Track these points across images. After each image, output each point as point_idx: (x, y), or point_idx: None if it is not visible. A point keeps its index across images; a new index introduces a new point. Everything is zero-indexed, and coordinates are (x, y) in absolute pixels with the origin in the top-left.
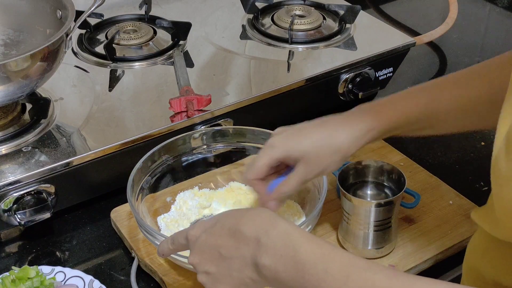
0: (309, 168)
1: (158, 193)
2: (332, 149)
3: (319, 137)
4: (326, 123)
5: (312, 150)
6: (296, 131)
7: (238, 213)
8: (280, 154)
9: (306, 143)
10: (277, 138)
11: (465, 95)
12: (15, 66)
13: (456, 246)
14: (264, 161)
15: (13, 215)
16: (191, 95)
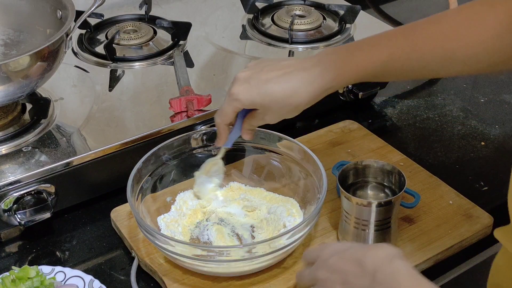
0: (269, 116)
1: (158, 193)
2: (291, 106)
3: (280, 94)
4: (288, 77)
5: (272, 105)
6: (259, 83)
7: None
8: (242, 106)
9: (268, 98)
10: (240, 89)
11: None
12: (15, 66)
13: (456, 246)
14: (229, 110)
15: (13, 215)
16: (191, 95)
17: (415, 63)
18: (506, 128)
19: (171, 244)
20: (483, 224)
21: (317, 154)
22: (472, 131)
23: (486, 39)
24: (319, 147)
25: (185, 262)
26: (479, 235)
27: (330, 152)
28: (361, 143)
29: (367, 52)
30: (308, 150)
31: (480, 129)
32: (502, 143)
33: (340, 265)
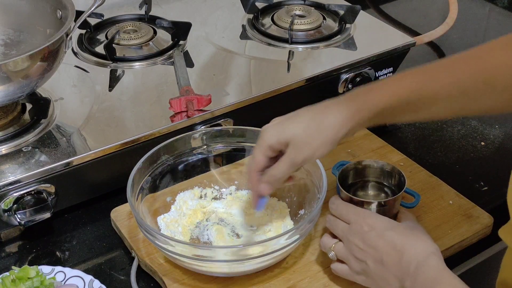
0: (298, 150)
1: (158, 193)
2: (320, 131)
3: (307, 119)
4: (315, 106)
5: (300, 132)
6: (286, 118)
7: (408, 230)
8: (269, 139)
9: (294, 126)
10: (268, 126)
11: (457, 79)
12: (15, 66)
13: (456, 246)
14: (258, 151)
15: (13, 215)
16: (191, 95)
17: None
18: (506, 128)
19: (171, 244)
20: (483, 224)
21: None
22: (472, 131)
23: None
24: None
25: (185, 262)
26: (479, 235)
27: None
28: (361, 143)
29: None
30: None
31: (480, 129)
32: (502, 143)
33: (379, 244)
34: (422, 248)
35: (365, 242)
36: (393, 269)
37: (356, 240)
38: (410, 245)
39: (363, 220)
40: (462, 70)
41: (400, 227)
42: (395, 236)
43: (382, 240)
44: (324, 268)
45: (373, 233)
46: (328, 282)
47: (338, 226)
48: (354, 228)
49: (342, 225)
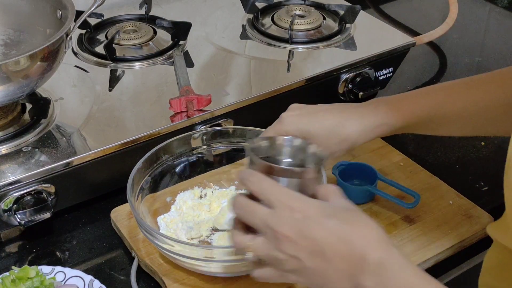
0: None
1: (158, 193)
2: (340, 138)
3: (330, 123)
4: (340, 110)
5: (321, 134)
6: (310, 112)
7: (355, 219)
8: (288, 130)
9: (316, 126)
10: (289, 116)
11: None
12: (15, 66)
13: (456, 246)
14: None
15: (13, 215)
16: (191, 95)
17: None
18: None
19: (171, 244)
20: (483, 224)
21: None
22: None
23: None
24: None
25: (185, 262)
26: (479, 235)
27: None
28: None
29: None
30: None
31: None
32: (502, 143)
33: (318, 234)
34: (375, 237)
35: (296, 232)
36: (341, 264)
37: (285, 229)
38: (359, 234)
39: (293, 203)
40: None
41: (341, 211)
42: (338, 224)
43: (321, 229)
44: None
45: (308, 221)
46: None
47: (257, 213)
48: (281, 215)
49: (262, 211)
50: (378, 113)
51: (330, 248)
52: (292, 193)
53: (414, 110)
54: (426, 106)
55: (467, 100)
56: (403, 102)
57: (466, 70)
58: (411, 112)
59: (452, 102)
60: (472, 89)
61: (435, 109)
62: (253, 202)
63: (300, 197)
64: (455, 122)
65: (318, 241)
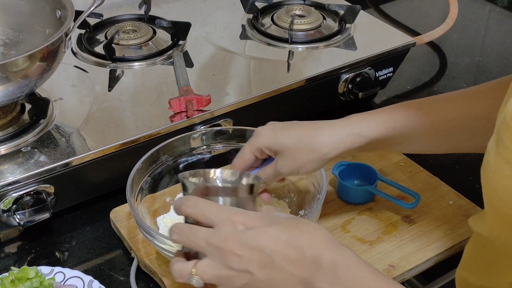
0: (286, 161)
1: (157, 194)
2: (310, 148)
3: (301, 134)
4: (312, 123)
5: (292, 144)
6: (283, 126)
7: (303, 224)
8: (262, 143)
9: (287, 137)
10: (263, 129)
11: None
12: (14, 66)
13: (456, 247)
14: (248, 148)
15: (13, 215)
16: (191, 95)
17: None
18: None
19: (170, 245)
20: None
21: None
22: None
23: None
24: None
25: None
26: None
27: None
28: None
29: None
30: None
31: None
32: None
33: (264, 243)
34: (325, 239)
35: (243, 245)
36: (292, 269)
37: (229, 244)
38: (307, 237)
39: (234, 217)
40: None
41: (283, 219)
42: (283, 230)
43: (267, 237)
44: None
45: (251, 231)
46: None
47: (198, 234)
48: (223, 230)
49: (203, 231)
50: (350, 123)
51: (278, 255)
52: (230, 208)
53: (387, 122)
54: (401, 118)
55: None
56: (376, 114)
57: (466, 70)
58: (383, 122)
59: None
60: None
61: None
62: (192, 225)
63: (239, 210)
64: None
65: (265, 250)
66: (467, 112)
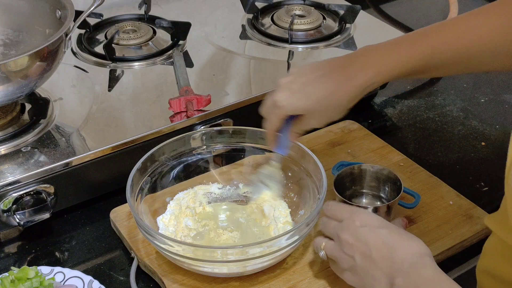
0: (314, 119)
1: (157, 194)
2: (334, 106)
3: (321, 96)
4: (328, 78)
5: (316, 107)
6: (300, 88)
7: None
8: (286, 112)
9: (309, 101)
10: (282, 96)
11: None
12: (14, 66)
13: (456, 246)
14: (274, 118)
15: (13, 215)
16: (191, 95)
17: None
18: (507, 128)
19: (170, 245)
20: (484, 224)
21: (317, 154)
22: (472, 131)
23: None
24: (319, 147)
25: (184, 262)
26: (479, 235)
27: (330, 152)
28: (361, 143)
29: (409, 48)
30: (308, 150)
31: (480, 129)
32: (502, 143)
33: (369, 239)
34: (416, 248)
35: (355, 236)
36: (383, 264)
37: (346, 235)
38: (403, 243)
39: (356, 216)
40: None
41: (394, 227)
42: (387, 233)
43: (373, 235)
44: (324, 268)
45: (365, 228)
46: (328, 283)
47: (330, 225)
48: (346, 224)
49: (334, 223)
50: (367, 73)
51: (376, 251)
52: (357, 209)
53: (406, 61)
54: (420, 53)
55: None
56: (391, 54)
57: None
58: (401, 65)
59: (439, 50)
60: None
61: (430, 54)
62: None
63: (364, 211)
64: (445, 68)
65: (368, 244)
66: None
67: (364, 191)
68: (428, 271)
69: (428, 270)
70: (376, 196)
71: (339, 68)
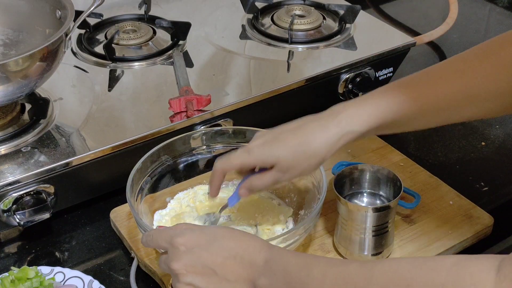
0: (285, 172)
1: (157, 194)
2: (307, 155)
3: (294, 144)
4: (302, 128)
5: (287, 156)
6: (273, 138)
7: (237, 236)
8: (254, 161)
9: (281, 150)
10: (255, 146)
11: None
12: (14, 66)
13: (456, 246)
14: (238, 162)
15: (13, 215)
16: (191, 95)
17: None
18: (507, 128)
19: None
20: (484, 224)
21: None
22: (472, 131)
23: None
24: None
25: None
26: (479, 235)
27: None
28: (361, 143)
29: (378, 99)
30: None
31: (480, 129)
32: (502, 143)
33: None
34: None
35: (186, 263)
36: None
37: (176, 266)
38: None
39: (177, 241)
40: (444, 86)
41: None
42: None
43: (207, 254)
44: None
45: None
46: None
47: (161, 262)
48: (171, 254)
49: (164, 258)
50: (341, 121)
51: (219, 267)
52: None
53: (378, 112)
54: (391, 105)
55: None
56: (366, 105)
57: None
58: (374, 115)
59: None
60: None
61: (397, 111)
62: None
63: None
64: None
65: (206, 265)
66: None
67: (364, 191)
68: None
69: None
70: (376, 196)
71: (312, 121)
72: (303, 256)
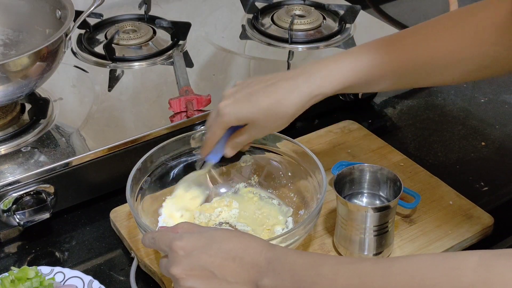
0: (258, 130)
1: (157, 194)
2: (278, 116)
3: (267, 104)
4: (275, 86)
5: (259, 116)
6: (244, 96)
7: (235, 237)
8: (230, 120)
9: (254, 111)
10: (226, 106)
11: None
12: (14, 66)
13: (456, 247)
14: (217, 128)
15: (13, 215)
16: (191, 95)
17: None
18: (507, 128)
19: None
20: (484, 224)
21: (317, 154)
22: (472, 131)
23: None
24: (319, 147)
25: None
26: (479, 235)
27: (330, 152)
28: (361, 143)
29: (351, 60)
30: (308, 151)
31: (480, 129)
32: (502, 143)
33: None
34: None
35: (185, 267)
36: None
37: (175, 270)
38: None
39: (176, 245)
40: (410, 49)
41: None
42: (220, 247)
43: (206, 256)
44: None
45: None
46: None
47: (162, 266)
48: (171, 258)
49: (164, 262)
50: (313, 84)
51: (218, 269)
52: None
53: (351, 73)
54: (365, 66)
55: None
56: (340, 65)
57: None
58: (347, 76)
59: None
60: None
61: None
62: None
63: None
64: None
65: (206, 267)
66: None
67: (364, 191)
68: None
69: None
70: (376, 196)
71: (285, 79)
72: (309, 255)
